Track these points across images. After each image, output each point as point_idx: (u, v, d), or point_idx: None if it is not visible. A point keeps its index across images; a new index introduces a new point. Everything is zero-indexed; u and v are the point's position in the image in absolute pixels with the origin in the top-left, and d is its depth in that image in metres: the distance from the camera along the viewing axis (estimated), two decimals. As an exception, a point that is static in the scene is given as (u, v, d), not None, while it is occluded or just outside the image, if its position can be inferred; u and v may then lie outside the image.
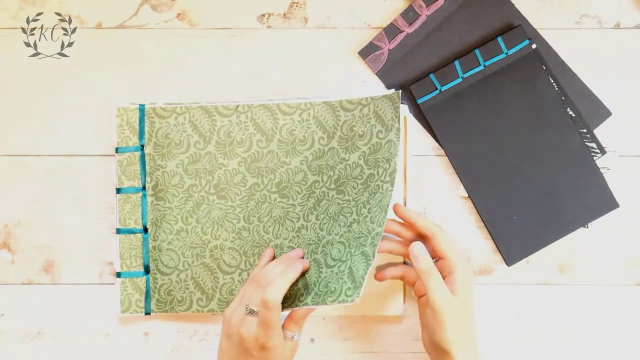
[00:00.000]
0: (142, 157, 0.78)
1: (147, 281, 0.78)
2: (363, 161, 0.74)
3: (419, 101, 0.78)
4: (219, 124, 0.78)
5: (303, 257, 0.74)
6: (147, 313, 0.78)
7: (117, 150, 0.78)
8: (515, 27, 0.77)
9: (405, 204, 0.78)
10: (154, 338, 0.79)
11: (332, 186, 0.75)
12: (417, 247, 0.70)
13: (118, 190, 0.78)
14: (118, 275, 0.78)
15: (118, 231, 0.78)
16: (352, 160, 0.75)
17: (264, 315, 0.66)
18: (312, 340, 0.79)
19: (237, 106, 0.78)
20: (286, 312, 0.70)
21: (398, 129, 0.73)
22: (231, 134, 0.78)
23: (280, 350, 0.68)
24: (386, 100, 0.75)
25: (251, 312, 0.68)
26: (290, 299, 0.71)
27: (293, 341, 0.69)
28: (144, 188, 0.78)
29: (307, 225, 0.75)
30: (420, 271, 0.69)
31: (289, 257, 0.73)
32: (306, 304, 0.69)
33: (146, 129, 0.78)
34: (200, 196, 0.78)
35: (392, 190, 0.71)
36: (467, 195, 0.78)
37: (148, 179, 0.78)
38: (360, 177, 0.74)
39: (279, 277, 0.68)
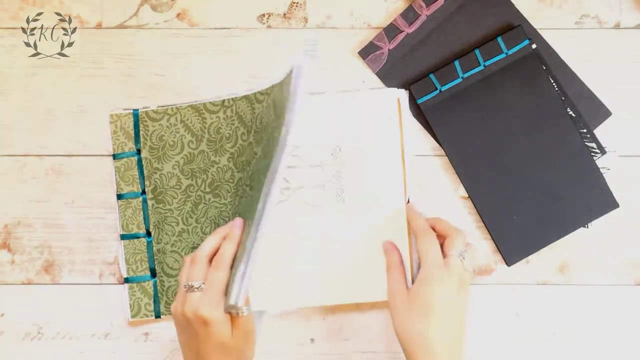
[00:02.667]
0: (139, 161, 0.78)
1: (155, 284, 0.78)
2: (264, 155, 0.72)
3: (419, 101, 0.78)
4: (209, 121, 0.78)
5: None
6: (157, 316, 0.78)
7: (114, 156, 0.78)
8: (515, 27, 0.77)
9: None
10: (154, 338, 0.79)
11: (248, 182, 0.75)
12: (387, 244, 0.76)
13: (119, 197, 0.78)
14: (126, 280, 0.78)
15: (122, 237, 0.78)
16: (259, 154, 0.74)
17: (210, 280, 0.66)
18: (312, 340, 0.79)
19: (223, 101, 0.78)
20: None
21: (282, 123, 0.64)
22: (220, 130, 0.78)
23: (223, 325, 0.65)
24: (284, 86, 0.67)
25: (190, 288, 0.66)
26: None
27: (241, 316, 0.66)
28: (143, 192, 0.78)
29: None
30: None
31: (220, 229, 0.71)
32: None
33: (141, 133, 0.78)
34: (197, 196, 0.78)
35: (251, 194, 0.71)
36: (467, 195, 0.78)
37: (147, 182, 0.78)
38: (264, 172, 0.67)
39: (227, 238, 0.69)
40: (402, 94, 0.78)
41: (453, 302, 0.69)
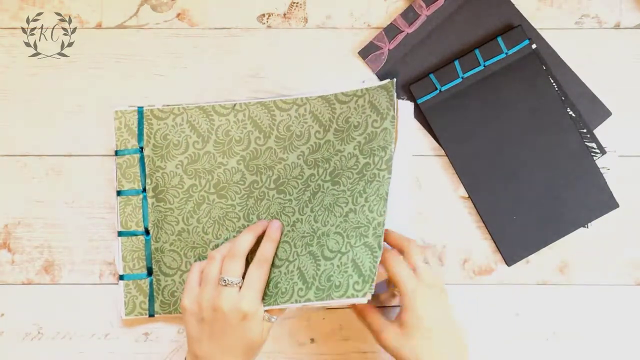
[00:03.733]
0: (142, 159, 0.78)
1: (151, 283, 0.78)
2: (358, 151, 0.74)
3: (419, 101, 0.78)
4: (217, 123, 0.78)
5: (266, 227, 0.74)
6: (152, 315, 0.78)
7: (116, 153, 0.78)
8: (515, 27, 0.77)
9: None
10: (154, 338, 0.79)
11: (327, 178, 0.75)
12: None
13: (118, 193, 0.78)
14: (121, 277, 0.78)
15: (120, 234, 0.78)
16: (347, 151, 0.75)
17: (252, 277, 0.69)
18: (312, 340, 0.79)
19: (235, 105, 0.78)
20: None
21: (393, 117, 0.74)
22: (229, 133, 0.78)
23: (259, 320, 0.69)
24: (381, 90, 0.76)
25: (228, 283, 0.68)
26: (287, 293, 0.70)
27: (270, 322, 0.70)
28: (144, 190, 0.78)
29: (301, 218, 0.74)
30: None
31: (253, 227, 0.74)
32: (309, 299, 0.68)
33: (145, 130, 0.78)
34: (200, 196, 0.78)
35: (389, 177, 0.71)
36: (467, 195, 0.78)
37: (148, 180, 0.78)
38: (355, 167, 0.73)
39: (267, 238, 0.72)
40: (408, 105, 0.78)
41: (442, 311, 0.69)
